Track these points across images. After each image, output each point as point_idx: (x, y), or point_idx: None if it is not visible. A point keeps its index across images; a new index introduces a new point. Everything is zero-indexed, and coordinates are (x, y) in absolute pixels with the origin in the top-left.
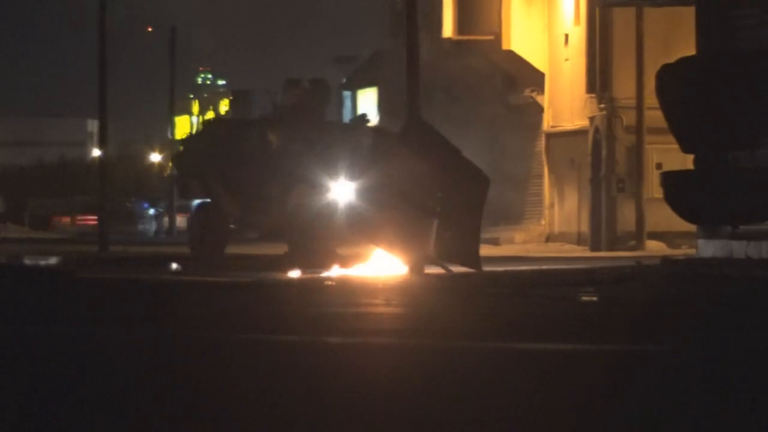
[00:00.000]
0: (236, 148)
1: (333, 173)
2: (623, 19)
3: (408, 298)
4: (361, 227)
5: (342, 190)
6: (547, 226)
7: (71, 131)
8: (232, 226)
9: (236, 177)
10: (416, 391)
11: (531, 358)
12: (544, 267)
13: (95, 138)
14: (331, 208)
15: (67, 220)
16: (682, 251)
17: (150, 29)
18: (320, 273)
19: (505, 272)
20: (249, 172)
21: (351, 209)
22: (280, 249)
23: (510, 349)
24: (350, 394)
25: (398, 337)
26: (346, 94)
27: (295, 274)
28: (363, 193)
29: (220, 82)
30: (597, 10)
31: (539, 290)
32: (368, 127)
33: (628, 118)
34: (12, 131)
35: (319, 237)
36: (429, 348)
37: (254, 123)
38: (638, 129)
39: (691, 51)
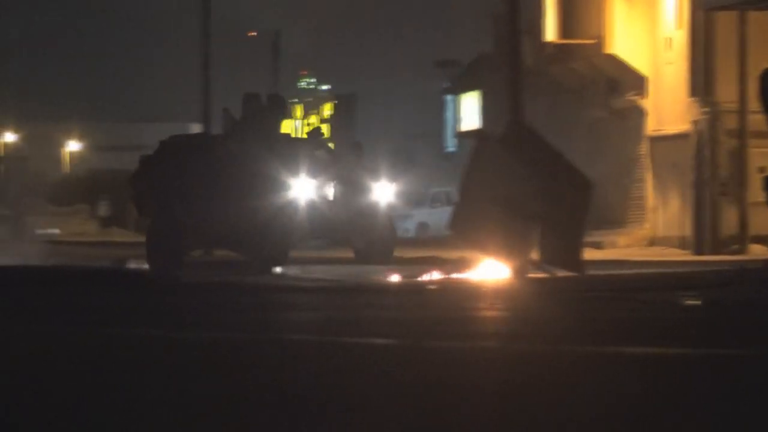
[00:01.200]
0: (193, 163)
1: (286, 182)
2: (726, 23)
3: (512, 301)
4: (464, 231)
5: (299, 197)
6: (650, 230)
7: None
8: (194, 239)
9: (194, 192)
10: (524, 394)
11: (635, 362)
12: (647, 270)
13: None
14: (287, 214)
15: None
16: None
17: (253, 34)
18: (418, 277)
19: (609, 276)
20: (206, 186)
21: (314, 211)
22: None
23: (613, 353)
24: (455, 398)
25: (503, 341)
26: (449, 98)
27: (395, 278)
28: (466, 194)
29: (323, 87)
30: (700, 14)
31: (643, 294)
32: (322, 139)
33: (731, 122)
34: (115, 136)
35: (276, 242)
36: (534, 352)
37: (211, 138)
38: (741, 133)
39: None
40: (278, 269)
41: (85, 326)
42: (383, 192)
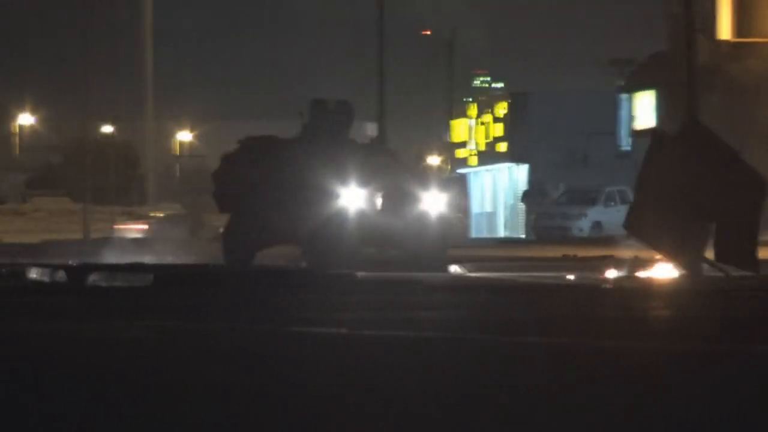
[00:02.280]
0: (264, 165)
1: (338, 192)
2: None
3: (685, 300)
4: (640, 230)
5: (353, 200)
6: None
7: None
8: (263, 236)
9: (264, 192)
10: (694, 395)
11: None
12: None
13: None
14: (337, 223)
15: None
16: None
17: (428, 32)
18: (596, 276)
19: None
20: (279, 188)
21: (364, 218)
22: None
23: None
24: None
25: (671, 341)
26: (623, 96)
27: (571, 276)
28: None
29: (497, 85)
30: None
31: None
32: (386, 146)
33: None
34: (291, 133)
35: (335, 243)
36: (698, 352)
37: (284, 142)
38: None
39: None
40: (454, 267)
41: (267, 324)
42: (434, 201)
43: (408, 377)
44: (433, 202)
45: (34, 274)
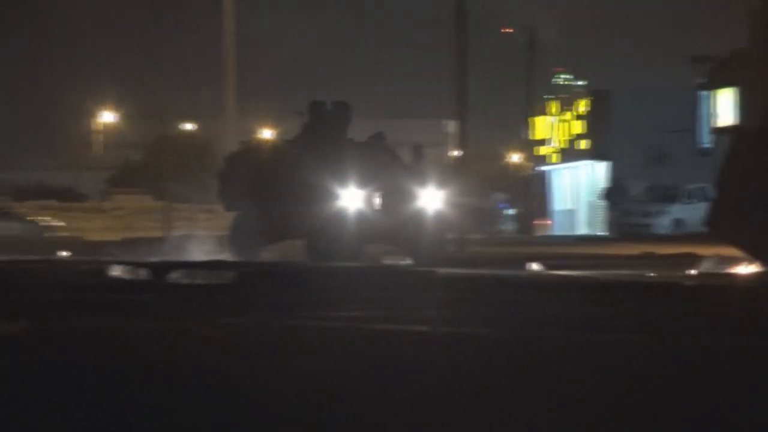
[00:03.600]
0: (268, 164)
1: (338, 192)
2: None
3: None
4: (721, 227)
5: (353, 199)
6: None
7: (428, 132)
8: (267, 234)
9: (269, 191)
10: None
11: None
12: None
13: (450, 138)
14: (343, 214)
15: None
16: None
17: (508, 30)
18: (675, 272)
19: None
20: (280, 186)
21: (362, 217)
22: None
23: None
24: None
25: (752, 339)
26: (704, 94)
27: (651, 274)
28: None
29: (579, 83)
30: None
31: None
32: (385, 143)
33: None
34: (371, 133)
35: (335, 238)
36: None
37: (284, 143)
38: None
39: None
40: (532, 264)
41: (347, 322)
42: (431, 198)
43: (491, 375)
44: (431, 199)
45: (116, 271)
